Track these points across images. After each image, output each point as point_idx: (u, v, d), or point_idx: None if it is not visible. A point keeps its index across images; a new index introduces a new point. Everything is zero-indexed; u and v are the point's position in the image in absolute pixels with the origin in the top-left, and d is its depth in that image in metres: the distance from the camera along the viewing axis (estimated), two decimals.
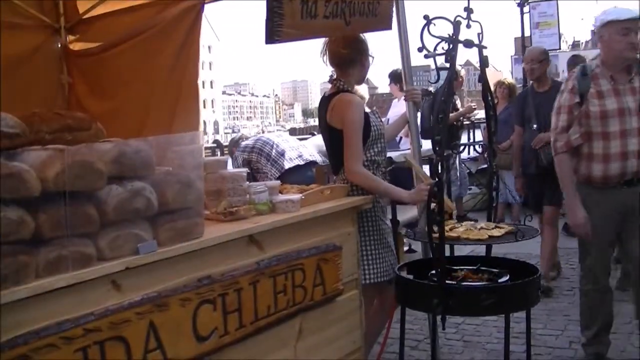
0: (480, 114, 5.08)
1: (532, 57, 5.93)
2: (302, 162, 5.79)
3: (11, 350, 1.78)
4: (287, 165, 5.72)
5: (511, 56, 19.36)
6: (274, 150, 5.78)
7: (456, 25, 3.16)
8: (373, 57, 3.74)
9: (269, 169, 5.68)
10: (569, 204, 3.86)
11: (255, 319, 2.60)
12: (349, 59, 3.64)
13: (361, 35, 3.68)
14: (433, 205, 3.09)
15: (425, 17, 3.09)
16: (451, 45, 3.14)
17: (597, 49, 4.35)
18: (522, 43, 14.82)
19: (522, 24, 14.96)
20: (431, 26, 3.11)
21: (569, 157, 3.80)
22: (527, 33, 15.01)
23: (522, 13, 14.91)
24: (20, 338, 1.81)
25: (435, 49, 3.13)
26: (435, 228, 3.06)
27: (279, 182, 3.41)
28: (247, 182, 3.01)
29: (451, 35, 3.15)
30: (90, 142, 2.26)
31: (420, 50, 3.10)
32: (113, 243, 2.11)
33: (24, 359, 1.81)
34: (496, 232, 3.33)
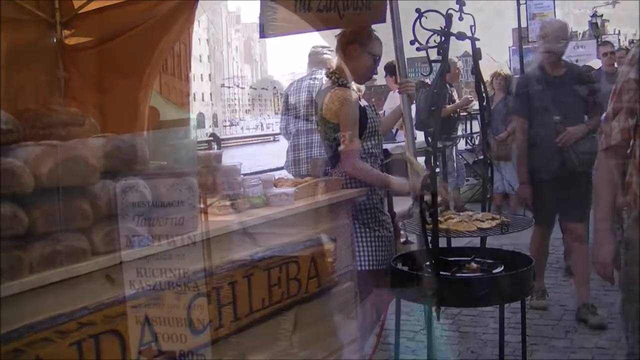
0: (477, 105, 4.97)
1: (563, 36, 4.70)
2: None
3: (6, 344, 1.79)
4: None
5: (509, 47, 19.39)
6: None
7: (448, 17, 3.16)
8: (378, 58, 3.72)
9: None
10: (596, 228, 2.64)
11: (249, 312, 2.62)
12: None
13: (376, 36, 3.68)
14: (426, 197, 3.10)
15: (417, 10, 3.10)
16: (443, 38, 3.14)
17: (594, 40, 4.15)
18: (519, 34, 14.85)
19: (518, 15, 14.95)
20: (424, 19, 3.12)
21: (607, 160, 2.61)
22: (523, 24, 15.01)
23: (518, 4, 14.90)
24: (15, 332, 1.82)
25: (427, 41, 3.13)
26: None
27: (272, 175, 3.43)
28: (242, 176, 3.03)
29: (443, 27, 3.15)
30: (84, 137, 2.28)
31: (412, 43, 3.12)
32: (107, 237, 2.12)
33: (19, 352, 1.82)
34: (487, 225, 3.33)
